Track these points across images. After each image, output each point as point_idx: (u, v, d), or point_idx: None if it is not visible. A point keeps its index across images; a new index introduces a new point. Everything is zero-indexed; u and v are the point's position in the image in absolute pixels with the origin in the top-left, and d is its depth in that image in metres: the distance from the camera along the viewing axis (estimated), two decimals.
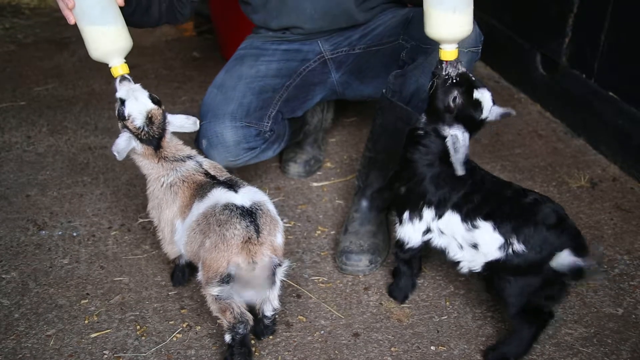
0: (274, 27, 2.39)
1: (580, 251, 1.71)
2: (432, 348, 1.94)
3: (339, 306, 2.10)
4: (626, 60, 2.65)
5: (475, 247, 1.80)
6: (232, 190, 1.83)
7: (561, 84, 3.05)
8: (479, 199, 1.81)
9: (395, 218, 2.02)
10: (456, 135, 1.77)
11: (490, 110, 1.81)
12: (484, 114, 1.79)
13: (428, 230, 1.92)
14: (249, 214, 1.76)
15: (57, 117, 3.23)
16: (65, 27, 4.28)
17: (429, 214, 1.89)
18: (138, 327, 2.02)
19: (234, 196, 1.81)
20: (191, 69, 3.78)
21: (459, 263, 1.88)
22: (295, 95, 2.41)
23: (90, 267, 2.27)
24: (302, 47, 2.41)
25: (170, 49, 4.06)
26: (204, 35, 4.24)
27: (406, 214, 1.94)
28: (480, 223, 1.78)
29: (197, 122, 2.01)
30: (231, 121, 2.23)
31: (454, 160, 1.78)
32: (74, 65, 3.80)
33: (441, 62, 1.80)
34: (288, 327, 2.02)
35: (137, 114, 1.88)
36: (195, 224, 1.82)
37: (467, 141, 1.77)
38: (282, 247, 1.83)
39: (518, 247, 1.73)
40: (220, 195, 1.82)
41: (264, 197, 1.87)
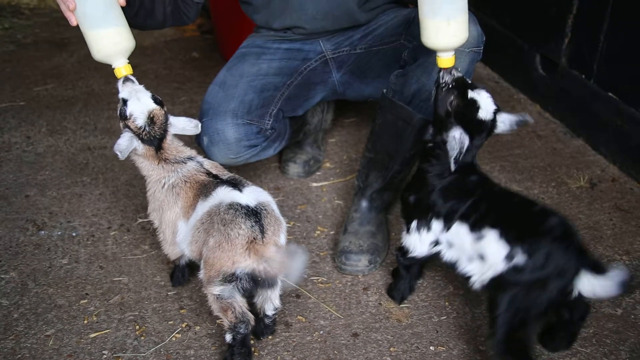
0: (276, 27, 2.39)
1: (597, 269, 1.63)
2: (431, 348, 1.94)
3: (338, 306, 2.10)
4: (625, 61, 2.65)
5: (482, 258, 1.75)
6: (237, 189, 1.83)
7: (560, 85, 3.05)
8: (485, 207, 1.78)
9: (402, 225, 2.01)
10: (454, 136, 1.77)
11: (502, 119, 1.81)
12: (482, 114, 1.79)
13: (437, 243, 1.89)
14: (253, 214, 1.75)
15: (56, 117, 3.23)
16: (64, 28, 4.28)
17: (437, 226, 1.87)
18: (137, 327, 2.02)
19: (238, 195, 1.80)
20: (191, 69, 3.77)
21: (469, 278, 1.80)
22: (296, 94, 2.41)
23: (90, 267, 2.27)
24: (304, 47, 2.42)
25: (170, 49, 4.06)
26: (205, 35, 4.24)
27: (414, 223, 1.93)
28: (486, 232, 1.73)
29: (199, 125, 2.01)
30: (233, 118, 2.23)
31: (449, 156, 1.78)
32: (73, 66, 3.80)
33: (439, 70, 1.82)
34: (287, 327, 2.02)
35: (139, 113, 1.88)
36: (199, 223, 1.82)
37: (465, 141, 1.77)
38: (284, 247, 1.83)
39: (520, 259, 1.66)
40: (224, 194, 1.81)
41: (268, 197, 1.86)
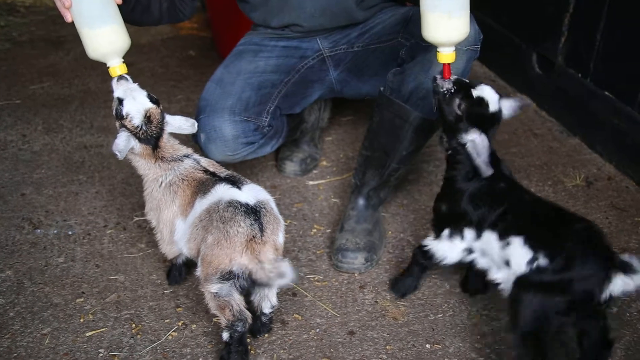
0: (274, 25, 2.38)
1: (627, 270, 1.62)
2: (427, 346, 1.94)
3: (335, 304, 2.10)
4: (622, 59, 2.66)
5: (508, 264, 1.74)
6: (236, 186, 1.83)
7: (557, 84, 3.06)
8: (513, 215, 1.78)
9: (430, 232, 1.99)
10: (474, 140, 1.78)
11: (506, 106, 1.82)
12: (491, 108, 1.79)
13: (470, 251, 1.89)
14: (253, 212, 1.75)
15: (52, 116, 3.23)
16: (60, 26, 4.26)
17: (470, 234, 1.86)
18: (133, 325, 2.02)
19: (238, 193, 1.80)
20: (187, 67, 3.77)
21: (499, 284, 1.80)
22: (293, 91, 2.41)
23: (86, 266, 2.26)
24: (301, 44, 2.41)
25: (166, 47, 4.05)
26: (201, 32, 4.23)
27: (447, 231, 1.91)
28: (512, 239, 1.73)
29: (195, 124, 2.01)
30: (230, 115, 2.23)
31: (477, 163, 1.78)
32: (69, 64, 3.78)
33: (435, 79, 1.82)
34: (284, 326, 2.02)
35: (135, 112, 1.88)
36: (197, 220, 1.82)
37: (485, 142, 1.77)
38: (283, 246, 1.83)
39: (543, 262, 1.66)
40: (224, 192, 1.81)
41: (267, 195, 1.86)
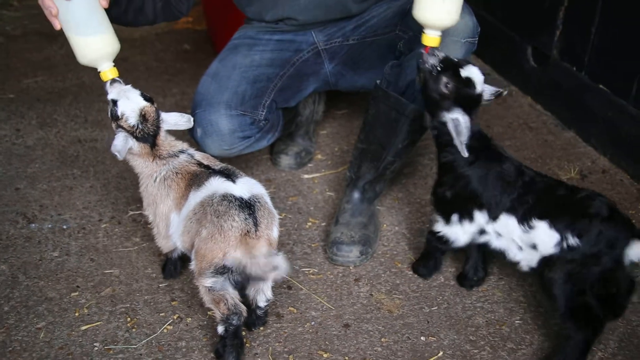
0: (268, 19, 2.38)
1: None
2: (422, 338, 1.95)
3: (330, 297, 2.10)
4: (616, 53, 2.66)
5: (535, 247, 1.79)
6: (230, 180, 1.83)
7: (552, 77, 3.06)
8: (533, 199, 1.80)
9: (436, 216, 2.01)
10: (457, 119, 1.78)
11: (486, 91, 1.83)
12: (478, 89, 1.80)
13: (482, 232, 1.91)
14: (247, 206, 1.75)
15: (46, 110, 3.21)
16: None
17: (481, 217, 1.88)
18: (129, 319, 2.02)
19: (232, 186, 1.80)
20: (182, 61, 3.76)
21: (518, 263, 1.86)
22: (289, 85, 2.40)
23: (81, 260, 2.26)
24: (296, 38, 2.41)
25: (161, 41, 4.04)
26: (196, 26, 4.22)
27: (455, 216, 1.93)
28: (536, 223, 1.77)
29: (191, 119, 2.01)
30: (226, 109, 2.22)
31: (457, 143, 1.79)
32: (63, 58, 3.77)
33: (421, 55, 1.82)
34: (279, 318, 2.02)
35: (130, 112, 1.88)
36: (192, 214, 1.81)
37: (468, 122, 1.79)
38: (277, 240, 1.83)
39: (573, 242, 1.71)
40: (218, 185, 1.81)
41: (261, 189, 1.86)
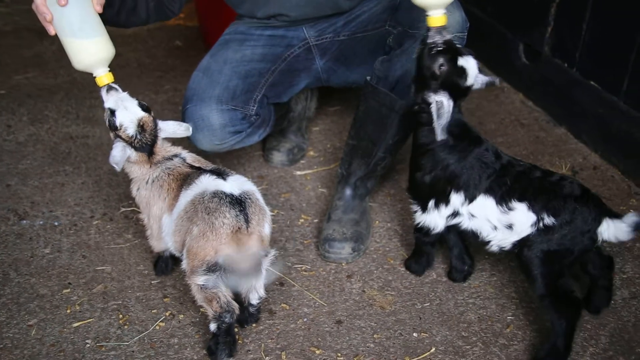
0: (260, 16, 2.37)
1: (614, 216, 1.79)
2: (414, 335, 1.95)
3: (322, 294, 2.10)
4: (607, 49, 2.67)
5: (510, 227, 1.84)
6: (221, 177, 1.83)
7: (543, 73, 3.07)
8: (511, 180, 1.84)
9: (413, 205, 2.02)
10: (441, 101, 1.78)
11: (476, 78, 1.84)
12: (468, 81, 1.81)
13: (455, 214, 1.93)
14: (238, 203, 1.75)
15: (37, 106, 3.20)
16: None
17: (457, 199, 1.90)
18: (120, 316, 2.01)
19: (222, 184, 1.80)
20: (174, 57, 3.75)
21: (488, 242, 1.90)
22: (280, 80, 2.40)
23: (72, 257, 2.25)
24: (287, 33, 2.41)
25: (153, 37, 4.02)
26: (187, 22, 4.20)
27: (431, 202, 1.95)
28: (515, 204, 1.81)
29: (189, 128, 2.01)
30: (217, 104, 2.22)
31: (435, 125, 1.79)
32: (54, 54, 3.74)
33: (429, 29, 1.80)
34: (271, 315, 2.02)
35: (129, 123, 1.89)
36: (183, 212, 1.82)
37: (451, 108, 1.79)
38: (269, 237, 1.83)
39: (549, 221, 1.77)
40: (208, 183, 1.81)
41: (252, 186, 1.87)
